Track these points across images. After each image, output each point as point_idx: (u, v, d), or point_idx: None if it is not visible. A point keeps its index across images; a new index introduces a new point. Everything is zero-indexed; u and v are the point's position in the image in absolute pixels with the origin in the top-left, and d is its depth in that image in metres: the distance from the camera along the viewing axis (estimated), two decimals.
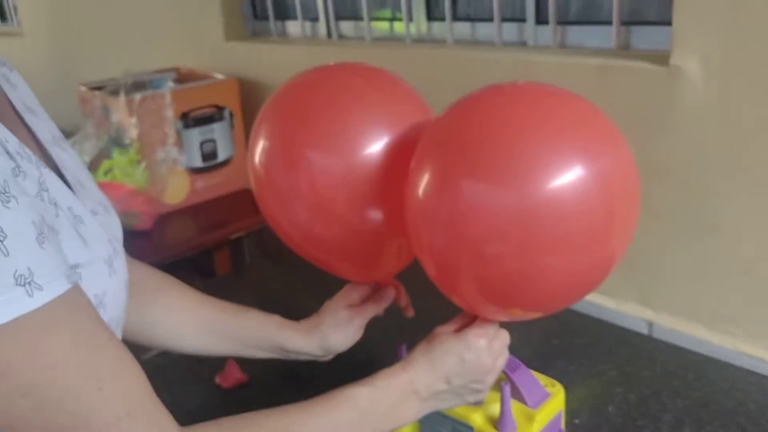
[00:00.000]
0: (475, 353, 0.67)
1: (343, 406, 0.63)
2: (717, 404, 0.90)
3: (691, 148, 0.99)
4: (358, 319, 0.81)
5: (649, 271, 1.10)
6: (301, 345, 0.81)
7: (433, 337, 0.69)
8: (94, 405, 0.48)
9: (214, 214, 1.62)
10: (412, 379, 0.66)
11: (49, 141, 0.63)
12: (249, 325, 0.82)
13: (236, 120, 1.70)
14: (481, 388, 0.69)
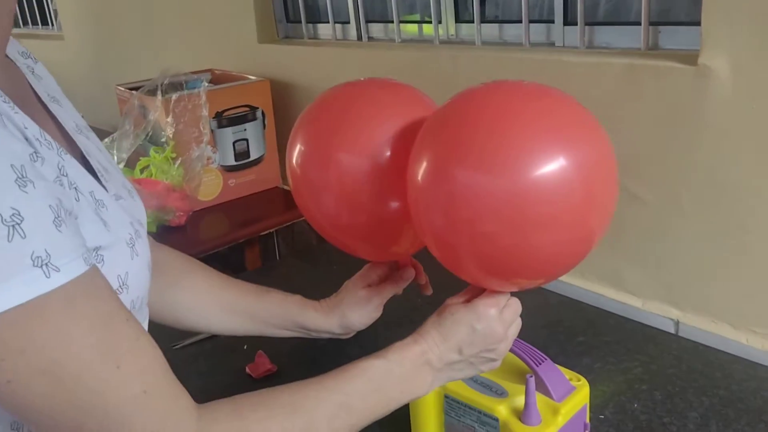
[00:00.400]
0: (486, 322, 0.68)
1: (357, 378, 0.64)
2: (744, 403, 0.90)
3: (721, 147, 0.99)
4: (377, 299, 0.84)
5: (676, 269, 1.10)
6: (321, 324, 0.84)
7: (444, 309, 0.70)
8: (112, 382, 0.49)
9: (246, 211, 1.66)
10: (424, 351, 0.67)
11: (74, 129, 0.66)
12: (271, 305, 0.85)
13: (268, 120, 1.73)
14: (495, 356, 0.70)
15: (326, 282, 1.30)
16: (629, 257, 1.16)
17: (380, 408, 0.65)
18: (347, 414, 0.62)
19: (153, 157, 1.53)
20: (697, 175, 1.04)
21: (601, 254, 1.20)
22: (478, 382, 0.80)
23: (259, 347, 1.05)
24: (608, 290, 1.21)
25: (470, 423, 0.78)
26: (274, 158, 1.77)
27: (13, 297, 0.45)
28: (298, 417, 0.60)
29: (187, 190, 1.52)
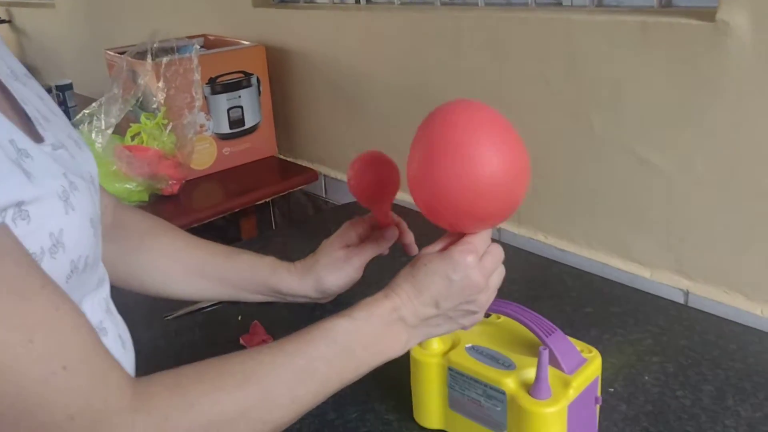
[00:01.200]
0: (463, 271, 0.62)
1: (320, 340, 0.58)
2: (761, 376, 0.86)
3: (739, 109, 0.95)
4: (356, 259, 0.77)
5: (687, 238, 1.06)
6: (295, 286, 0.78)
7: (417, 259, 0.64)
8: (24, 358, 0.43)
9: (241, 180, 1.61)
10: (396, 307, 0.61)
11: (8, 75, 0.60)
12: (241, 267, 0.78)
13: (264, 86, 1.67)
14: (475, 309, 0.64)
15: None
16: (638, 226, 1.12)
17: (348, 372, 0.59)
18: (310, 380, 0.56)
19: (144, 124, 1.48)
20: (713, 139, 0.99)
21: (608, 223, 1.16)
22: (483, 354, 0.76)
23: (255, 318, 1.02)
24: (616, 260, 1.17)
25: (476, 397, 0.74)
26: (270, 126, 1.72)
27: None
28: (252, 386, 0.53)
29: (180, 158, 1.47)
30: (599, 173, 1.14)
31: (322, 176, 1.68)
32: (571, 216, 1.21)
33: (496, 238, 1.31)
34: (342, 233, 0.79)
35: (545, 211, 1.25)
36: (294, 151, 1.78)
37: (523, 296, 1.07)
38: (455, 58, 1.30)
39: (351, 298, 0.79)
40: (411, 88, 1.41)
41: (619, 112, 1.08)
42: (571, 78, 1.13)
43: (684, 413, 0.81)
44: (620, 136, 1.09)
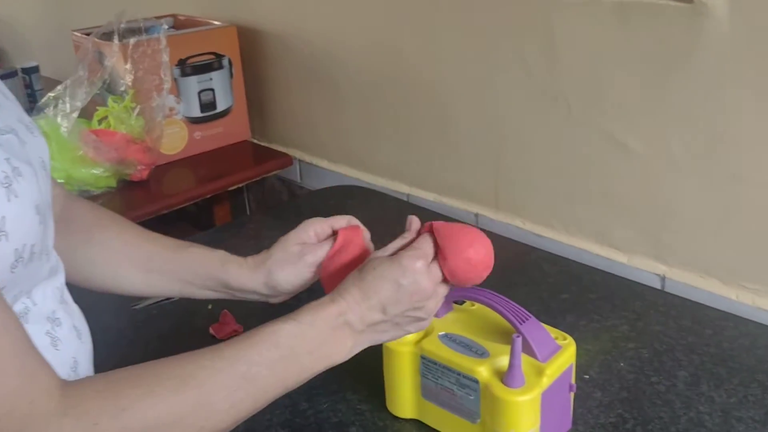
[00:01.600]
0: (411, 277, 0.60)
1: (261, 345, 0.56)
2: (736, 361, 0.86)
3: (716, 91, 0.93)
4: (310, 256, 0.73)
5: (663, 222, 1.05)
6: (245, 281, 0.74)
7: (366, 264, 0.63)
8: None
9: (213, 165, 1.57)
10: (342, 311, 0.60)
11: None
12: (189, 260, 0.75)
13: (236, 69, 1.63)
14: (423, 315, 0.63)
15: None
16: (615, 211, 1.11)
17: (291, 378, 0.58)
18: (251, 386, 0.54)
19: (111, 107, 1.44)
20: (689, 123, 0.98)
21: (585, 208, 1.15)
22: (456, 341, 0.74)
23: (225, 307, 0.99)
24: (593, 246, 1.16)
25: (448, 385, 0.73)
26: (243, 110, 1.68)
27: None
28: (189, 392, 0.51)
29: (149, 142, 1.43)
30: (577, 158, 1.13)
31: (297, 161, 1.65)
32: (549, 201, 1.20)
33: (474, 223, 1.30)
34: (299, 230, 0.76)
35: (523, 197, 1.23)
36: (268, 136, 1.74)
37: (500, 282, 1.05)
38: (431, 38, 1.27)
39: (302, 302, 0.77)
40: (386, 68, 1.38)
41: (596, 95, 1.07)
42: (548, 59, 1.11)
43: (658, 399, 0.80)
44: (598, 119, 1.08)
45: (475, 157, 1.28)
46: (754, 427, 0.75)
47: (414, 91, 1.34)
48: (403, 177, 1.43)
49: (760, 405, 0.78)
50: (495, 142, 1.24)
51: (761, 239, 0.96)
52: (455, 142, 1.30)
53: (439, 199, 1.37)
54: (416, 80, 1.33)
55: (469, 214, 1.31)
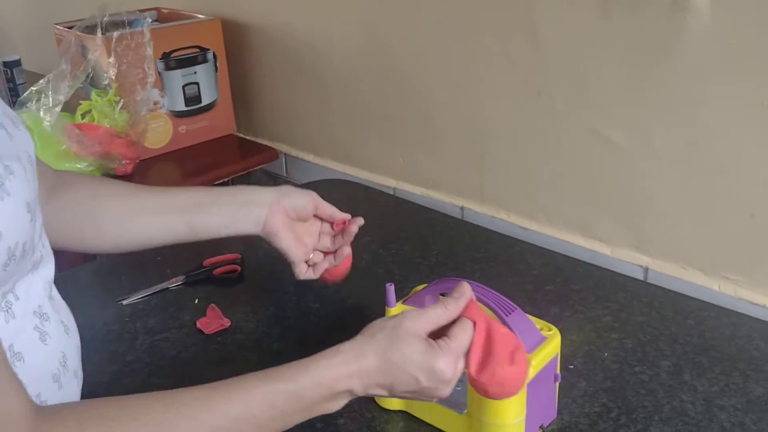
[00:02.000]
0: (435, 382, 0.57)
1: (255, 405, 0.52)
2: (718, 351, 0.87)
3: (698, 84, 0.95)
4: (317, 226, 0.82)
5: (647, 215, 1.07)
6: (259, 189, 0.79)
7: (398, 337, 0.57)
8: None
9: (199, 160, 1.57)
10: (350, 376, 0.55)
11: None
12: (199, 190, 0.79)
13: (220, 62, 1.62)
14: (427, 400, 0.61)
15: None
16: (599, 203, 1.12)
17: (275, 431, 0.55)
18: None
19: (95, 101, 1.43)
20: (671, 116, 0.99)
21: (569, 201, 1.16)
22: None
23: (212, 301, 0.99)
24: (577, 238, 1.17)
25: None
26: (228, 104, 1.67)
27: None
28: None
29: (133, 136, 1.42)
30: (561, 151, 1.14)
31: (283, 155, 1.65)
32: (534, 194, 1.21)
33: (459, 217, 1.30)
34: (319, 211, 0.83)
35: (508, 190, 1.24)
36: (253, 130, 1.74)
37: (486, 275, 1.07)
38: (415, 32, 1.28)
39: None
40: (372, 62, 1.38)
41: (580, 89, 1.08)
42: (532, 54, 1.12)
43: (642, 388, 0.81)
44: (581, 113, 1.09)
45: (461, 151, 1.28)
46: (735, 415, 0.76)
47: (399, 85, 1.34)
48: (389, 171, 1.43)
49: (741, 393, 0.80)
50: (480, 136, 1.24)
51: (743, 231, 0.97)
52: (441, 136, 1.31)
53: (426, 192, 1.37)
54: (401, 74, 1.33)
55: (455, 208, 1.32)
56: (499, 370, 0.58)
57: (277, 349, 0.91)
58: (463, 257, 1.12)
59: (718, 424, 0.75)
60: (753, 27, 0.88)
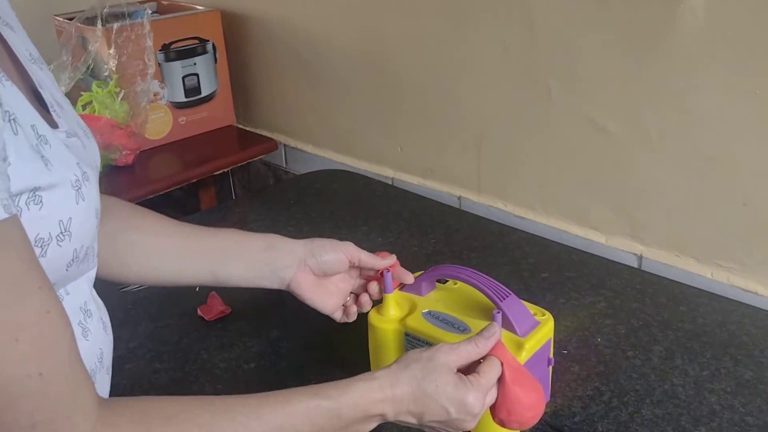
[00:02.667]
0: (464, 414, 0.61)
1: (296, 418, 0.56)
2: (709, 336, 0.89)
3: (691, 74, 0.96)
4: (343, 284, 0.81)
5: (640, 203, 1.08)
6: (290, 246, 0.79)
7: (432, 370, 0.61)
8: (5, 356, 0.43)
9: (198, 150, 1.58)
10: (384, 401, 0.59)
11: (27, 58, 0.59)
12: (227, 236, 0.79)
13: (220, 54, 1.63)
14: (450, 430, 0.64)
15: (284, 221, 1.26)
16: (594, 192, 1.13)
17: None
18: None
19: (95, 92, 1.44)
20: (666, 106, 1.00)
21: (565, 190, 1.17)
22: (439, 318, 0.77)
23: (212, 289, 1.01)
24: (572, 226, 1.18)
25: None
26: (227, 95, 1.68)
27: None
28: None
29: (134, 127, 1.43)
30: (557, 141, 1.15)
31: (282, 146, 1.66)
32: (530, 184, 1.22)
33: (457, 207, 1.32)
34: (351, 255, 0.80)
35: (504, 179, 1.26)
36: (253, 120, 1.75)
37: (482, 263, 1.08)
38: (413, 22, 1.29)
39: None
40: (369, 53, 1.39)
41: (575, 79, 1.09)
42: (527, 44, 1.13)
43: (634, 372, 0.83)
44: (577, 102, 1.10)
45: (458, 141, 1.30)
46: (725, 398, 0.78)
47: (397, 75, 1.35)
48: (387, 161, 1.45)
49: (731, 377, 0.82)
50: (477, 126, 1.26)
51: (735, 219, 0.98)
52: (438, 127, 1.32)
53: (423, 182, 1.39)
54: (399, 65, 1.34)
55: (452, 197, 1.33)
56: (521, 410, 0.64)
57: (276, 336, 0.93)
58: (460, 245, 1.14)
59: (707, 406, 0.77)
60: (745, 16, 0.89)
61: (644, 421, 0.75)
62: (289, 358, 0.89)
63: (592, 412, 0.77)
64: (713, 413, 0.76)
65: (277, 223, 1.26)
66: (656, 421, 0.75)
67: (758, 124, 0.92)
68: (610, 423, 0.75)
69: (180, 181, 1.49)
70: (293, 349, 0.90)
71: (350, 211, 1.28)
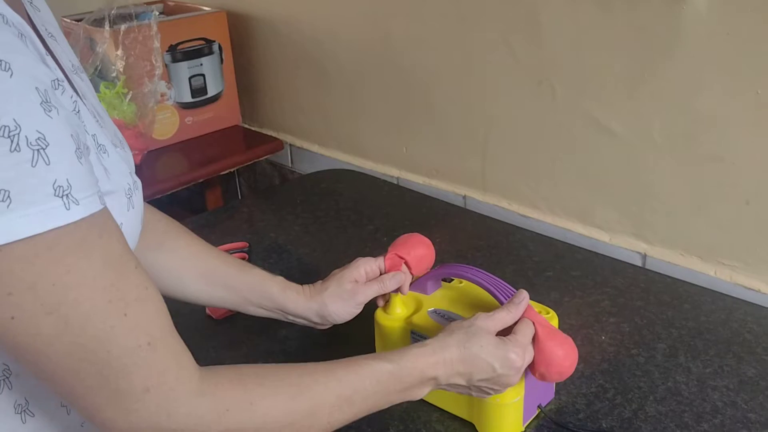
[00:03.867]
0: (508, 369, 0.66)
1: (366, 378, 0.62)
2: (712, 334, 0.90)
3: (695, 75, 0.97)
4: (361, 296, 0.79)
5: (646, 203, 1.09)
6: (301, 308, 0.80)
7: (475, 333, 0.67)
8: (117, 330, 0.47)
9: (205, 150, 1.59)
10: (436, 365, 0.65)
11: (70, 69, 0.61)
12: (252, 280, 0.81)
13: (226, 54, 1.65)
14: (497, 389, 0.68)
15: (290, 220, 1.27)
16: (598, 192, 1.14)
17: (376, 407, 0.64)
18: (348, 407, 0.60)
19: (103, 93, 1.45)
20: (669, 105, 1.01)
21: (569, 190, 1.18)
22: (444, 316, 0.78)
23: None
24: (576, 225, 1.19)
25: None
26: (233, 95, 1.69)
27: (30, 226, 0.42)
28: (304, 400, 0.58)
29: (141, 128, 1.44)
30: (561, 141, 1.16)
31: (288, 145, 1.67)
32: (534, 183, 1.23)
33: (462, 206, 1.33)
34: (352, 268, 0.81)
35: (509, 178, 1.26)
36: (258, 120, 1.76)
37: (487, 261, 1.09)
38: (418, 23, 1.30)
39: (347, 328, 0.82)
40: (375, 53, 1.40)
41: (580, 79, 1.10)
42: (533, 44, 1.14)
43: (638, 370, 0.84)
44: (581, 102, 1.11)
45: (463, 140, 1.30)
46: (728, 395, 0.79)
47: (402, 75, 1.36)
48: (392, 161, 1.45)
49: (734, 374, 0.82)
50: (482, 126, 1.26)
51: (738, 218, 0.99)
52: (443, 126, 1.33)
53: (428, 182, 1.39)
54: (404, 65, 1.35)
55: (457, 197, 1.34)
56: (558, 362, 0.69)
57: (284, 335, 0.94)
58: (465, 244, 1.15)
59: (710, 403, 0.78)
60: (747, 18, 0.90)
61: (648, 417, 0.76)
62: (296, 356, 0.90)
63: (596, 409, 0.78)
64: (716, 410, 0.77)
65: (283, 222, 1.27)
66: (660, 417, 0.76)
67: (762, 123, 0.93)
68: (614, 420, 0.76)
69: (187, 181, 1.50)
70: (300, 348, 0.91)
71: (356, 211, 1.29)
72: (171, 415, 0.50)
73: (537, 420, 0.77)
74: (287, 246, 1.19)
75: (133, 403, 0.49)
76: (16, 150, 0.42)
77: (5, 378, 0.53)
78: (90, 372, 0.47)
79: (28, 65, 0.44)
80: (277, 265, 1.11)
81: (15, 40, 0.44)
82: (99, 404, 0.49)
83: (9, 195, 0.41)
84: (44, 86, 0.44)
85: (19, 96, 0.42)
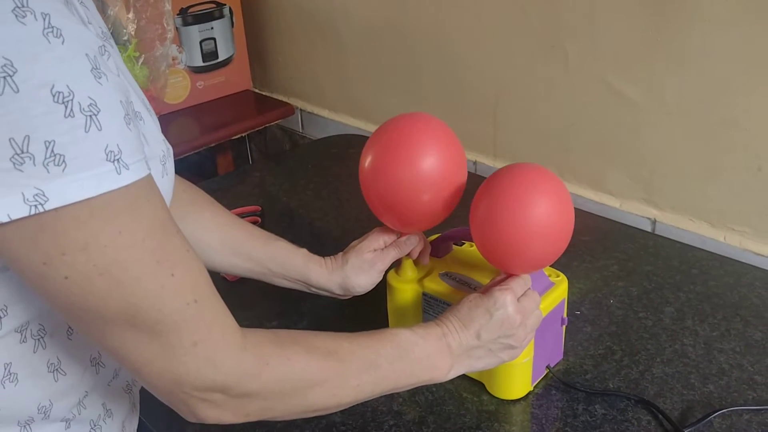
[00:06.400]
0: (502, 309, 0.68)
1: (386, 342, 0.64)
2: (720, 298, 0.91)
3: (710, 39, 0.96)
4: (380, 264, 0.81)
5: (657, 169, 1.09)
6: (324, 280, 0.81)
7: (461, 300, 0.71)
8: (167, 288, 0.49)
9: (216, 115, 1.60)
10: (444, 333, 0.67)
11: (101, 35, 0.61)
12: (277, 252, 0.82)
13: (237, 18, 1.64)
14: (514, 343, 0.69)
15: (302, 185, 1.28)
16: (609, 158, 1.14)
17: (402, 377, 0.65)
18: (374, 372, 0.63)
19: None
20: (682, 70, 1.00)
21: (580, 156, 1.18)
22: (456, 279, 0.79)
23: None
24: (587, 191, 1.19)
25: None
26: (244, 59, 1.69)
27: (83, 190, 0.44)
28: (334, 361, 0.60)
29: (153, 92, 1.45)
30: (573, 106, 1.16)
31: (299, 110, 1.68)
32: (546, 148, 1.23)
33: (473, 171, 1.33)
34: (371, 239, 0.82)
35: (520, 143, 1.26)
36: (269, 85, 1.76)
37: None
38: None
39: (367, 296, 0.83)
40: (386, 17, 1.39)
41: (593, 42, 1.09)
42: (546, 8, 1.13)
43: (645, 333, 0.85)
44: (594, 67, 1.10)
45: (475, 105, 1.30)
46: (734, 357, 0.80)
47: (414, 40, 1.35)
48: None
49: (741, 337, 0.83)
50: (494, 90, 1.26)
51: (750, 184, 0.99)
52: (455, 91, 1.33)
53: None
54: (417, 29, 1.34)
55: (468, 162, 1.34)
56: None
57: (297, 297, 0.95)
58: None
59: (717, 365, 0.79)
60: None
61: (654, 378, 0.78)
62: (309, 316, 0.92)
63: (603, 370, 0.79)
64: (722, 372, 0.78)
65: (296, 186, 1.28)
66: (666, 378, 0.78)
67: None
68: (621, 380, 0.78)
69: (198, 146, 1.51)
70: (313, 308, 0.93)
71: None
72: (218, 367, 0.53)
73: (545, 380, 0.79)
74: (299, 210, 1.20)
75: (182, 356, 0.51)
76: (70, 116, 0.43)
77: (40, 337, 0.55)
78: (141, 328, 0.49)
79: (77, 32, 0.45)
80: (289, 229, 1.12)
81: (62, 7, 0.45)
82: (148, 358, 0.51)
83: (64, 159, 0.43)
84: (93, 53, 0.45)
85: (71, 63, 0.44)
